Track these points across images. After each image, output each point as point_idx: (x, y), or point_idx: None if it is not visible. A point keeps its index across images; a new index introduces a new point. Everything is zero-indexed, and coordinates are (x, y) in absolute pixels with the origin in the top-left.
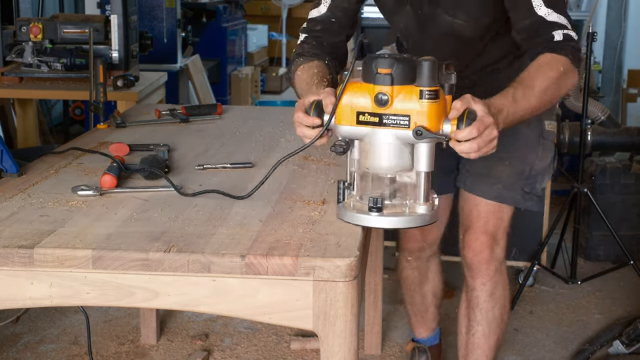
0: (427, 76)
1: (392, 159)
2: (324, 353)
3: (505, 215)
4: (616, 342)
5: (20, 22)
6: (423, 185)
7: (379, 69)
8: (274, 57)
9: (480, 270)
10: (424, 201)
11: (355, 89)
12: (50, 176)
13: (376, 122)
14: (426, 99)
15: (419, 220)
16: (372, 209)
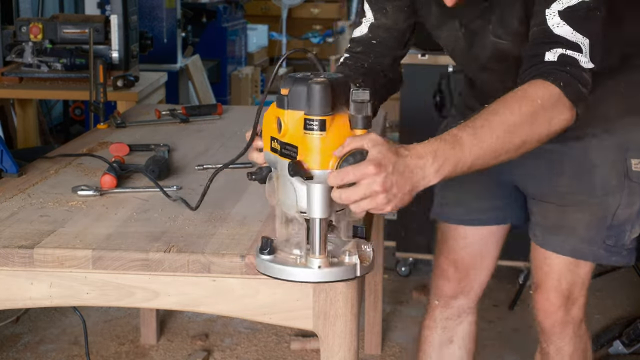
0: (315, 103)
1: (289, 196)
2: (324, 353)
3: (583, 270)
4: (616, 342)
5: (20, 22)
6: (317, 233)
7: (281, 89)
8: (274, 57)
9: (554, 334)
10: (319, 254)
11: (271, 110)
12: (50, 176)
13: (278, 149)
14: (308, 130)
15: (304, 275)
16: (262, 250)
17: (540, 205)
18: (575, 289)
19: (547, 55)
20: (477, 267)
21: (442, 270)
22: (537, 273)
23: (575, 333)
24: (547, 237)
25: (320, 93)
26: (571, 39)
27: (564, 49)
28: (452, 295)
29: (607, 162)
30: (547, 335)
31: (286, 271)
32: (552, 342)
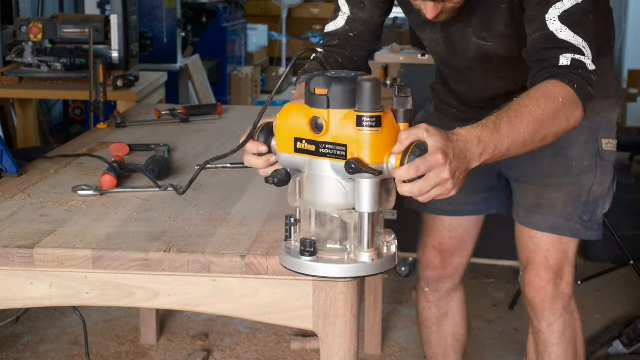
0: (367, 100)
1: (331, 194)
2: (324, 353)
3: (568, 247)
4: (616, 342)
5: (20, 22)
6: (366, 228)
7: (315, 89)
8: (274, 57)
9: (545, 310)
10: (368, 247)
11: (294, 111)
12: (50, 176)
13: (312, 150)
14: (364, 126)
15: (358, 269)
16: (304, 253)
17: (521, 187)
18: (563, 265)
19: (562, 60)
20: (460, 252)
21: (429, 261)
22: (524, 252)
23: (565, 309)
24: (529, 216)
25: (373, 90)
26: (574, 42)
27: (573, 54)
28: (439, 279)
29: (581, 142)
30: (538, 312)
31: (340, 269)
32: (544, 318)
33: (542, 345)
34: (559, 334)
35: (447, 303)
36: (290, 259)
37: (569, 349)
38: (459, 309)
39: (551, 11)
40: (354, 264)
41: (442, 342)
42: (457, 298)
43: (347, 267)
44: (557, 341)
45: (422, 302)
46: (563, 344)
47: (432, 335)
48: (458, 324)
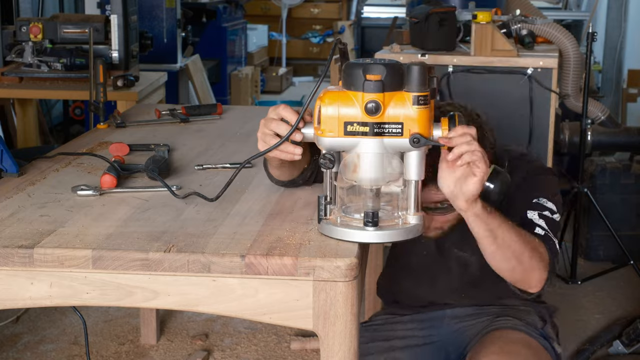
0: (418, 81)
1: (384, 169)
2: (324, 353)
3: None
4: (616, 342)
5: (20, 22)
6: (413, 194)
7: (367, 76)
8: (274, 57)
9: None
10: (415, 211)
11: (339, 98)
12: (50, 176)
13: (366, 131)
14: (418, 104)
15: (413, 231)
16: (367, 224)
17: None
18: None
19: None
20: None
21: None
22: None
23: None
24: None
25: (423, 72)
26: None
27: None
28: None
29: None
30: None
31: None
32: None
33: None
34: None
35: None
36: (348, 231)
37: None
38: None
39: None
40: (409, 226)
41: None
42: None
43: (404, 230)
44: None
45: None
46: None
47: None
48: None
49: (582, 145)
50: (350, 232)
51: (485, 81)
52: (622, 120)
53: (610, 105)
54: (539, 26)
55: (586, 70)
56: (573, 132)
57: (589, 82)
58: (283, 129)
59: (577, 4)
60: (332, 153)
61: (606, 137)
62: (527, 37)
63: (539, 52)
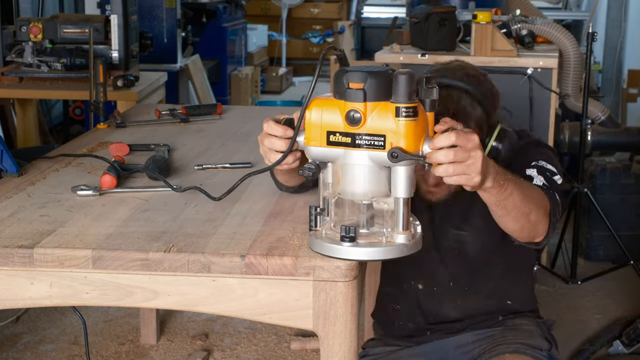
0: (404, 91)
1: (367, 183)
2: (324, 353)
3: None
4: (616, 342)
5: (20, 22)
6: (402, 212)
7: (350, 84)
8: (274, 57)
9: None
10: (403, 229)
11: (325, 105)
12: (50, 176)
13: (348, 142)
14: (403, 117)
15: (397, 250)
16: (344, 239)
17: None
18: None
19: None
20: None
21: None
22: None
23: None
24: None
25: (409, 81)
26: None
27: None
28: None
29: None
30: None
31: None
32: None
33: None
34: None
35: None
36: (325, 244)
37: None
38: None
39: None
40: (393, 245)
41: None
42: None
43: (386, 249)
44: None
45: None
46: None
47: None
48: None
49: (582, 145)
50: (329, 246)
51: None
52: (622, 120)
53: (610, 105)
54: (539, 26)
55: (586, 70)
56: (573, 132)
57: (589, 82)
58: (277, 145)
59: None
60: (316, 163)
61: (606, 137)
62: (527, 37)
63: (539, 52)
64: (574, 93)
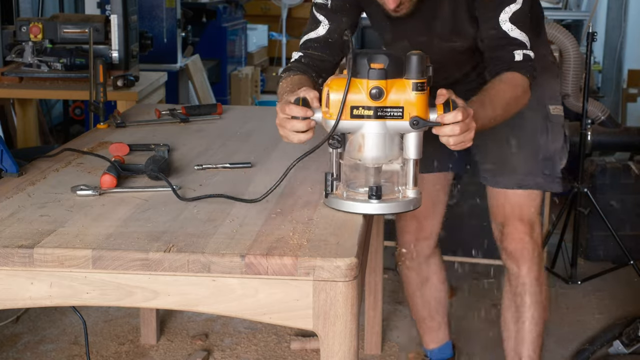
0: (416, 69)
1: (386, 148)
2: (324, 353)
3: (534, 201)
4: (616, 342)
5: (20, 22)
6: (412, 171)
7: (372, 65)
8: (274, 57)
9: (524, 257)
10: (414, 186)
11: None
12: (50, 176)
13: (370, 115)
14: (417, 90)
15: (413, 203)
16: (372, 197)
17: (481, 150)
18: (534, 217)
19: (516, 57)
20: (433, 215)
21: (406, 225)
22: (499, 212)
23: (539, 254)
24: (496, 178)
25: (422, 61)
26: (522, 39)
27: (523, 49)
28: (416, 242)
29: (531, 108)
30: (519, 260)
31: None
32: (523, 264)
33: (521, 288)
34: (535, 276)
35: (426, 268)
36: (354, 204)
37: (543, 290)
38: (437, 273)
39: (502, 15)
40: (408, 199)
41: (426, 305)
42: (434, 263)
43: (404, 203)
44: (535, 282)
45: (404, 271)
46: (539, 283)
47: (416, 300)
48: (438, 288)
49: (582, 145)
50: (355, 204)
51: None
52: (622, 120)
53: (610, 105)
54: None
55: (586, 70)
56: (573, 132)
57: (589, 82)
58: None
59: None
60: (340, 134)
61: (606, 137)
62: None
63: None
64: (574, 93)
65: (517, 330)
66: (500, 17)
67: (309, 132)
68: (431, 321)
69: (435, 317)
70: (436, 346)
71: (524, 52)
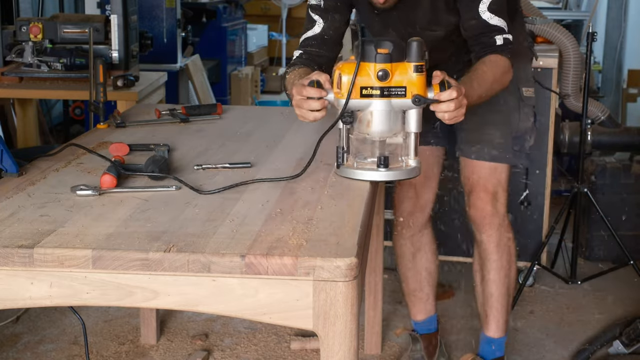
0: (416, 53)
1: (391, 123)
2: (324, 353)
3: (501, 174)
4: (616, 342)
5: (20, 22)
6: (413, 143)
7: (378, 50)
8: (274, 57)
9: (485, 224)
10: (415, 156)
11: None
12: (50, 176)
13: (377, 94)
14: (417, 72)
15: (414, 171)
16: (380, 166)
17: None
18: (499, 189)
19: (497, 41)
20: (426, 187)
21: (405, 193)
22: (468, 181)
23: (501, 223)
24: (471, 150)
25: (421, 46)
26: (500, 25)
27: (502, 34)
28: (411, 211)
29: (507, 90)
30: (480, 226)
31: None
32: (484, 231)
33: (483, 253)
34: (495, 243)
35: (419, 239)
36: (365, 172)
37: (504, 256)
38: (429, 244)
39: (481, 5)
40: (410, 168)
41: (417, 276)
42: (427, 234)
43: (408, 170)
44: (495, 248)
45: (399, 241)
46: (499, 251)
47: (408, 272)
48: (430, 259)
49: (582, 145)
50: (365, 172)
51: None
52: (622, 120)
53: (610, 105)
54: (539, 26)
55: (586, 70)
56: (573, 132)
57: (589, 82)
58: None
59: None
60: (350, 112)
61: (606, 137)
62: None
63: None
64: (574, 93)
65: (483, 290)
66: (479, 7)
67: (322, 110)
68: (420, 292)
69: (425, 288)
70: (424, 317)
71: (503, 36)
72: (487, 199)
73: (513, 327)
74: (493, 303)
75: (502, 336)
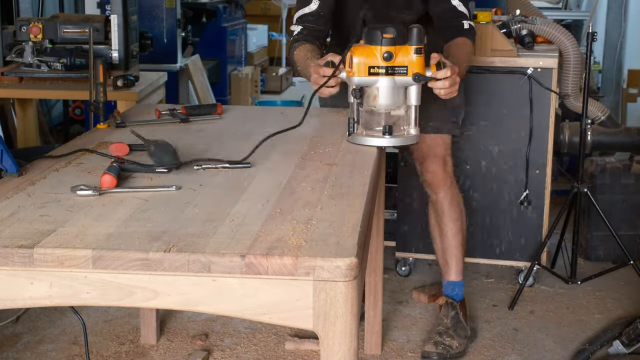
0: (417, 38)
1: (394, 98)
2: (324, 353)
3: (445, 142)
4: (616, 342)
5: (20, 22)
6: (414, 114)
7: (384, 35)
8: (274, 57)
9: (440, 185)
10: (415, 126)
11: (365, 50)
12: (50, 176)
13: (383, 72)
14: (417, 53)
15: (414, 138)
16: (385, 134)
17: None
18: (446, 156)
19: (465, 25)
20: None
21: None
22: (419, 152)
23: (452, 184)
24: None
25: (420, 32)
26: (465, 12)
27: (468, 20)
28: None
29: None
30: (435, 187)
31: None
32: (439, 191)
33: (440, 210)
34: (449, 200)
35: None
36: (372, 139)
37: (457, 210)
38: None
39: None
40: (411, 135)
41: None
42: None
43: (409, 137)
44: (449, 205)
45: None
46: (452, 207)
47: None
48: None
49: (582, 145)
50: (373, 139)
51: (485, 81)
52: (622, 120)
53: (610, 105)
54: (539, 26)
55: (586, 70)
56: (573, 132)
57: (589, 82)
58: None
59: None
60: (359, 88)
61: (606, 137)
62: (527, 37)
63: (539, 52)
64: (574, 93)
65: (442, 242)
66: None
67: (336, 87)
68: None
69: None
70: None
71: (469, 22)
72: (438, 162)
73: (513, 327)
74: (453, 251)
75: (461, 280)
